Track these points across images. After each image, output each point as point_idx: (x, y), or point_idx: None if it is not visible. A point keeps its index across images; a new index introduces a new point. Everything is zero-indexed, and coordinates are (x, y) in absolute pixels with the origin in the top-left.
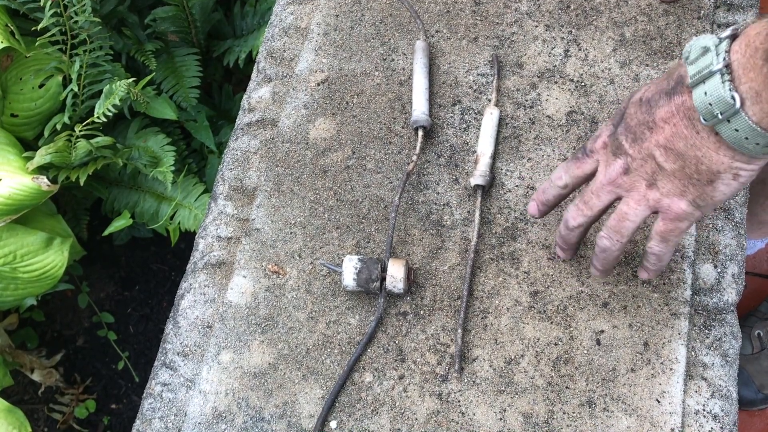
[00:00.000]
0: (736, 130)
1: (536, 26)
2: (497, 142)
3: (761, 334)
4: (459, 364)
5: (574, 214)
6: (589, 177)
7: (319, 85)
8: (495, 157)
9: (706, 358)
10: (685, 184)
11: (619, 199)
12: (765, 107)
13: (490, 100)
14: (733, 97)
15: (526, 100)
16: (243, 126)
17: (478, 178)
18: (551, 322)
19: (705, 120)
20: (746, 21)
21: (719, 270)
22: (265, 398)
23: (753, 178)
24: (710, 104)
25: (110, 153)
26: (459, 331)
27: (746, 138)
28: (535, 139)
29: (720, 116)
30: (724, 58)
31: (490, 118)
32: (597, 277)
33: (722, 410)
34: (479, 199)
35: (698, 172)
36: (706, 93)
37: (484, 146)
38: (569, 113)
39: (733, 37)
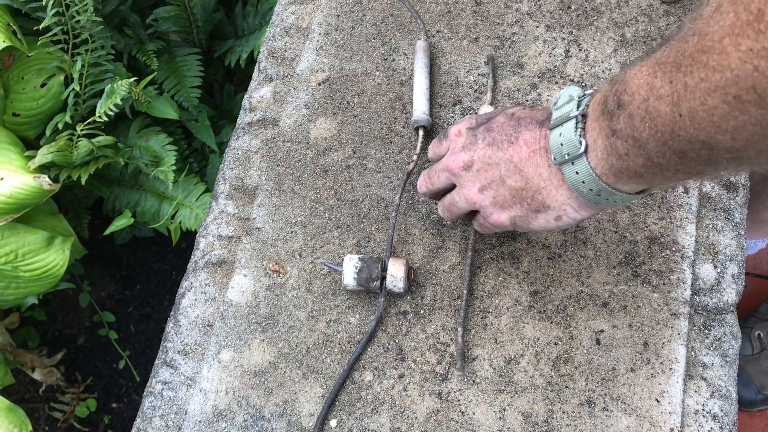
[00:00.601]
0: (577, 173)
1: (537, 26)
2: None
3: (761, 335)
4: (461, 362)
5: (420, 183)
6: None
7: (320, 84)
8: None
9: (706, 358)
10: (515, 202)
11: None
12: (599, 154)
13: (485, 100)
14: (580, 142)
15: (527, 101)
16: (244, 125)
17: None
18: (551, 322)
19: (555, 159)
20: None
21: (719, 270)
22: (266, 397)
23: (569, 226)
24: (561, 144)
25: (112, 152)
26: (459, 329)
27: (583, 182)
28: None
29: (567, 157)
30: (583, 108)
31: None
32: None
33: (722, 410)
34: None
35: (533, 198)
36: (560, 134)
37: None
38: None
39: (594, 94)
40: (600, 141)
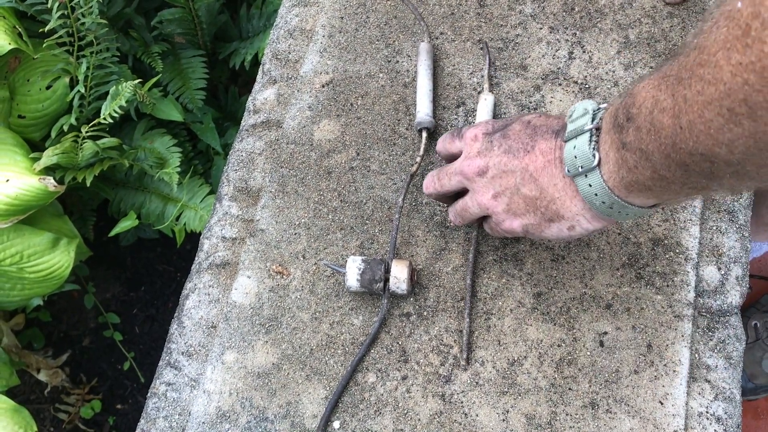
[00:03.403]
0: (590, 185)
1: (540, 28)
2: None
3: (758, 324)
4: (467, 355)
5: (428, 183)
6: (455, 156)
7: (323, 86)
8: None
9: (710, 360)
10: (528, 210)
11: (465, 188)
12: (611, 167)
13: (483, 89)
14: (593, 155)
15: (530, 102)
16: (248, 127)
17: None
18: (554, 324)
19: (568, 171)
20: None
21: (723, 272)
22: (269, 398)
23: (581, 236)
24: (575, 157)
25: (116, 154)
26: (466, 321)
27: (596, 194)
28: None
29: (580, 169)
30: (597, 122)
31: (484, 104)
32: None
33: (725, 412)
34: None
35: (547, 208)
36: (575, 147)
37: None
38: None
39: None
40: (612, 154)
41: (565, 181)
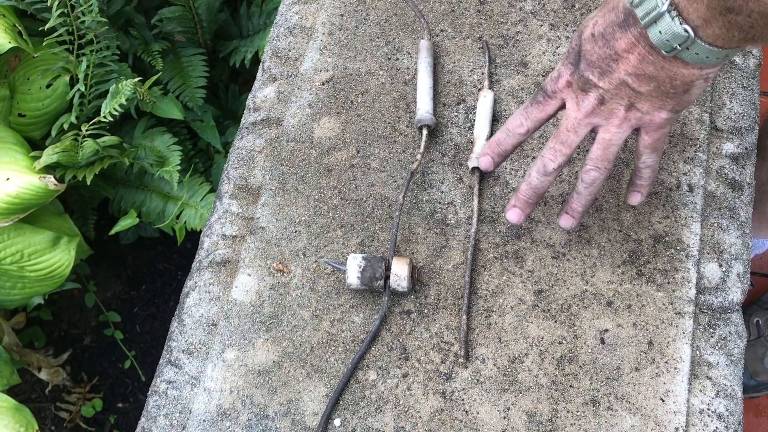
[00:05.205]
0: (697, 54)
1: (541, 25)
2: (493, 124)
3: (760, 321)
4: (464, 351)
5: (552, 157)
6: (549, 119)
7: (323, 84)
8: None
9: (711, 357)
10: (663, 99)
11: (593, 131)
12: (716, 30)
13: (483, 86)
14: (686, 30)
15: None
16: (248, 125)
17: (474, 160)
18: (555, 321)
19: (666, 52)
20: None
21: (724, 269)
22: (270, 396)
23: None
24: (667, 40)
25: (117, 152)
26: (463, 317)
27: (707, 57)
28: (539, 138)
29: (679, 47)
30: None
31: (484, 101)
32: (568, 227)
33: (727, 409)
34: (477, 184)
35: (674, 86)
36: (660, 32)
37: (480, 129)
38: None
39: None
40: (713, 20)
41: (670, 61)
